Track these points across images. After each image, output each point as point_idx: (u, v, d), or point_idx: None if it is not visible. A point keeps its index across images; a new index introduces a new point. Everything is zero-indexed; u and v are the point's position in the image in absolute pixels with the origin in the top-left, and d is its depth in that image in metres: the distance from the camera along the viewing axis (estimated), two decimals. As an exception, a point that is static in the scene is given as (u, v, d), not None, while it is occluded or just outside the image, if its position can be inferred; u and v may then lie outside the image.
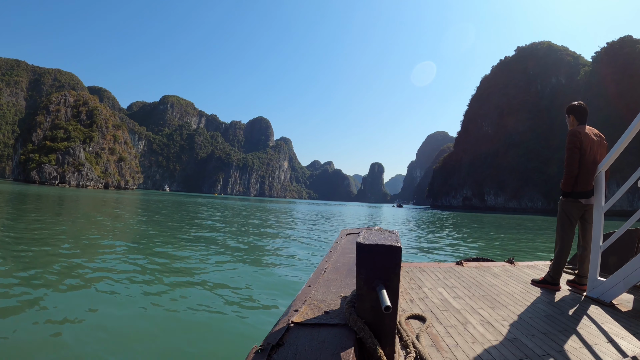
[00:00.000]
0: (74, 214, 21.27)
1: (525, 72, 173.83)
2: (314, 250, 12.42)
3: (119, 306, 5.41)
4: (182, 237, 13.74)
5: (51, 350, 3.92)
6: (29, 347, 3.98)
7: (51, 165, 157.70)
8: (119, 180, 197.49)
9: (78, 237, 11.87)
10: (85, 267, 7.66)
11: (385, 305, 1.33)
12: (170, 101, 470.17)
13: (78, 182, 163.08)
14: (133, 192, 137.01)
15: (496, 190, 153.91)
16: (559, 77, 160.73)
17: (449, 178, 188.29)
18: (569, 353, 2.18)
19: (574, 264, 4.69)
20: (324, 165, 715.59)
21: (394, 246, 1.51)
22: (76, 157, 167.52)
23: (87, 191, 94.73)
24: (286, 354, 1.33)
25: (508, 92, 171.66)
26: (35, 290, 5.87)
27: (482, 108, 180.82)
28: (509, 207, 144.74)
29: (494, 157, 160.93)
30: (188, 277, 7.40)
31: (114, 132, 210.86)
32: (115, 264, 8.18)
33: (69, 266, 7.64)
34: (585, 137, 3.70)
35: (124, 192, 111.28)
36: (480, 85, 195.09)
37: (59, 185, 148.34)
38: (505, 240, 20.37)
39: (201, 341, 4.35)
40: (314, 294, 2.06)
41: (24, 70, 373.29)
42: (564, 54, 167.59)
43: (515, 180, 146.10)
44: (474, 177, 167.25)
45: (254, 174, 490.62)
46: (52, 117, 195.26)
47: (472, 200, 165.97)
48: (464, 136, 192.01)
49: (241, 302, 5.94)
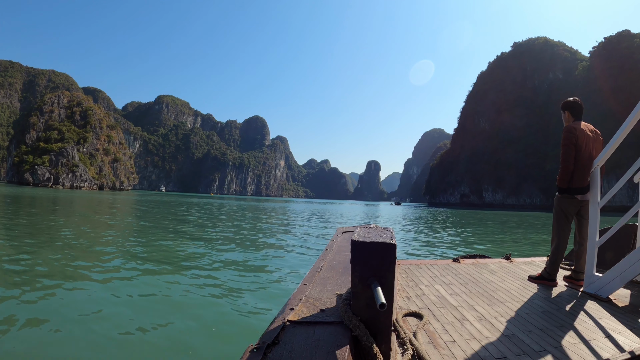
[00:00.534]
0: (64, 216, 19.98)
1: (522, 68, 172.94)
2: (310, 249, 12.36)
3: (114, 305, 5.39)
4: (176, 237, 13.73)
5: (51, 351, 3.92)
6: (28, 347, 3.97)
7: (44, 167, 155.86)
8: (113, 181, 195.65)
9: (68, 245, 11.07)
10: (78, 270, 7.53)
11: (380, 302, 1.33)
12: (166, 101, 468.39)
13: (72, 183, 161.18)
14: (128, 192, 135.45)
15: (494, 187, 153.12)
16: (556, 73, 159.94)
17: (447, 175, 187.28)
18: (566, 349, 2.18)
19: (570, 260, 4.58)
20: (320, 164, 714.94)
21: (388, 243, 1.51)
22: (70, 158, 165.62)
23: (81, 192, 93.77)
24: (282, 352, 1.33)
25: (505, 88, 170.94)
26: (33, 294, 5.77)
27: (479, 104, 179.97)
28: (507, 204, 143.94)
29: (492, 154, 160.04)
30: (182, 277, 7.37)
31: (108, 132, 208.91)
32: (107, 265, 8.13)
33: (63, 270, 7.46)
34: (581, 133, 3.71)
35: (119, 193, 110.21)
36: (477, 81, 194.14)
37: (53, 187, 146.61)
38: (518, 237, 19.43)
39: (196, 340, 4.32)
40: (310, 292, 2.06)
41: (18, 72, 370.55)
42: (561, 49, 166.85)
43: (514, 176, 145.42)
44: (471, 173, 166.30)
45: (250, 173, 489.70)
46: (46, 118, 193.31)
47: (470, 197, 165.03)
48: (461, 133, 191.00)
49: (236, 301, 5.92)
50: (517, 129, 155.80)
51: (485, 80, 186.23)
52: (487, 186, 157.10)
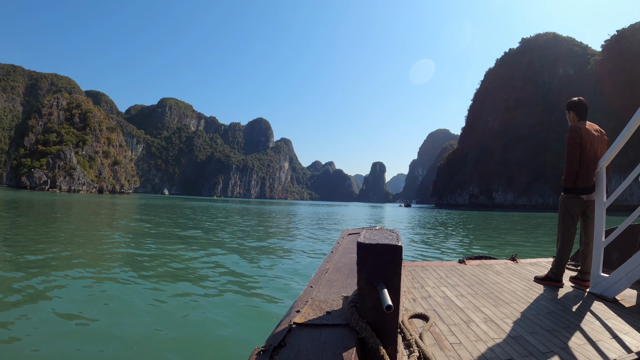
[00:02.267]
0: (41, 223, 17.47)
1: (530, 64, 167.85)
2: (315, 251, 12.40)
3: (119, 310, 5.38)
4: (179, 240, 13.57)
5: (51, 351, 3.99)
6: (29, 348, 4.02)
7: (41, 170, 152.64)
8: (113, 184, 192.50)
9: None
10: (76, 274, 7.35)
11: (387, 304, 1.32)
12: (169, 104, 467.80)
13: (69, 186, 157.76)
14: (129, 196, 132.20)
15: (505, 187, 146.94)
16: (567, 68, 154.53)
17: (454, 175, 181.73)
18: (573, 350, 2.18)
19: (576, 261, 4.58)
20: (325, 166, 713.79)
21: (394, 245, 1.51)
22: (67, 161, 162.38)
23: (78, 196, 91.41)
24: (288, 354, 1.33)
25: (514, 85, 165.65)
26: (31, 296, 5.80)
27: (488, 102, 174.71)
28: (518, 204, 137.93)
29: (502, 153, 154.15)
30: (188, 280, 7.38)
31: (108, 135, 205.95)
32: (108, 269, 7.98)
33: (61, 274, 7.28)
34: (586, 132, 3.72)
35: (118, 197, 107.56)
36: (485, 79, 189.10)
37: (50, 190, 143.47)
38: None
39: (203, 343, 4.39)
40: (316, 295, 2.07)
41: (21, 76, 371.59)
42: (571, 44, 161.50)
43: (525, 175, 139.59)
44: (480, 173, 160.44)
45: (254, 175, 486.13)
46: (45, 120, 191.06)
47: (479, 197, 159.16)
48: (469, 132, 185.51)
49: (243, 304, 5.96)
50: (528, 126, 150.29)
51: (493, 77, 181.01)
52: (497, 186, 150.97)
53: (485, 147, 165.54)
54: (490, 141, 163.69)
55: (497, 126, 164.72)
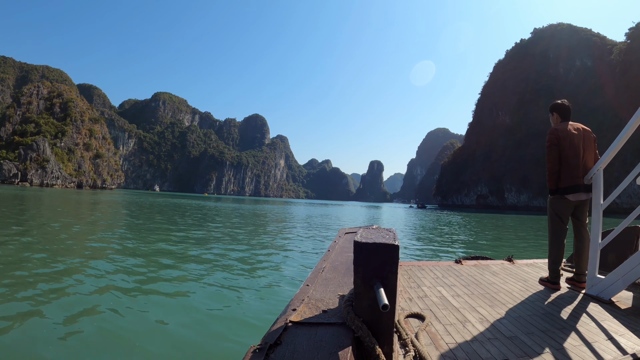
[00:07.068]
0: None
1: (544, 56, 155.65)
2: (312, 250, 12.36)
3: (116, 308, 5.31)
4: (175, 239, 13.28)
5: (51, 351, 3.96)
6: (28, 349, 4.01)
7: (12, 162, 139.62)
8: (94, 179, 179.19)
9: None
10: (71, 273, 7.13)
11: (383, 303, 1.32)
12: (163, 98, 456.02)
13: (42, 180, 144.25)
14: (110, 192, 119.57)
15: (518, 187, 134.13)
16: (584, 60, 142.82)
17: (460, 174, 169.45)
18: (568, 351, 2.19)
19: (572, 262, 4.55)
20: (321, 164, 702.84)
21: (391, 244, 1.50)
22: (40, 152, 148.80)
23: (48, 191, 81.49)
24: (284, 353, 1.33)
25: (527, 77, 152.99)
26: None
27: (498, 95, 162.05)
28: (533, 206, 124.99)
29: (515, 150, 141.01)
30: (183, 279, 7.28)
31: (91, 126, 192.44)
32: (104, 266, 7.89)
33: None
34: (564, 132, 3.79)
35: (99, 192, 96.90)
36: (494, 71, 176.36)
37: (20, 184, 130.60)
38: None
39: (199, 341, 4.40)
40: (312, 293, 2.06)
41: (11, 67, 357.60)
42: (589, 34, 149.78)
43: (542, 175, 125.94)
44: (490, 172, 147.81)
45: (248, 172, 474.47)
46: (23, 110, 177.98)
47: (489, 198, 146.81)
48: (476, 127, 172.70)
49: (238, 302, 5.98)
50: (543, 121, 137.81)
51: (504, 69, 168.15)
52: (509, 186, 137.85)
53: (495, 144, 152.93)
54: (501, 137, 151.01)
55: (509, 121, 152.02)
